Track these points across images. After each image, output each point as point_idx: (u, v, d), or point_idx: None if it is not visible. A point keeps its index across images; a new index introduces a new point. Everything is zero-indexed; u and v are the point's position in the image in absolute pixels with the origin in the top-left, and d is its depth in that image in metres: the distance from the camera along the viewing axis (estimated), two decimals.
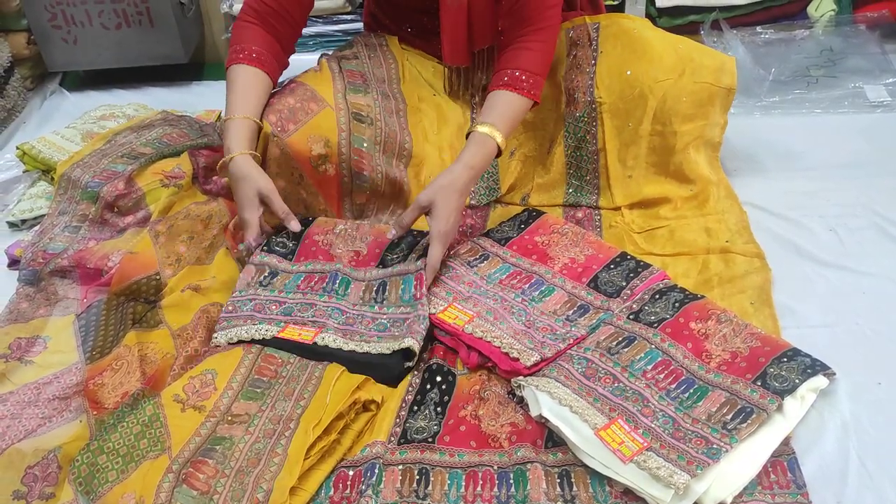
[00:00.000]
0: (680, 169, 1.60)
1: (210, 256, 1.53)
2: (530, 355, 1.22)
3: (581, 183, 1.66)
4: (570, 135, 1.65)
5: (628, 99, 1.58)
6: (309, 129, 1.52)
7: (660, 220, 1.57)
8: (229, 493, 1.03)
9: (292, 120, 1.51)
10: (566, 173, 1.67)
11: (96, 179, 1.65)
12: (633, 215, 1.60)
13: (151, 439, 1.11)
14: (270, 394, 1.20)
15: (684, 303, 1.27)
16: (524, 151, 1.71)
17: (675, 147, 1.58)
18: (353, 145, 1.54)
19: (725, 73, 1.59)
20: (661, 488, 0.99)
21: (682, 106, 1.56)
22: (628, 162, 1.62)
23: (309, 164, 1.52)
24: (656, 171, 1.62)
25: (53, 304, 1.47)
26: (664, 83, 1.56)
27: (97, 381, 1.27)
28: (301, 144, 1.51)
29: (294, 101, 1.53)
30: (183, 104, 2.19)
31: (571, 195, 1.67)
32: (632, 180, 1.62)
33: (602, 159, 1.63)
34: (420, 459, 1.12)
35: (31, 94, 2.36)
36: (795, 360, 1.13)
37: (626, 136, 1.60)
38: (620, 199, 1.63)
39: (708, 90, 1.57)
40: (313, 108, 1.54)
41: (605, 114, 1.61)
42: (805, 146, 1.79)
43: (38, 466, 1.13)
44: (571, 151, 1.66)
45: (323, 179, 1.55)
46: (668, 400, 1.12)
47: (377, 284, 1.41)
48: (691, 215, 1.56)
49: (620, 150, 1.62)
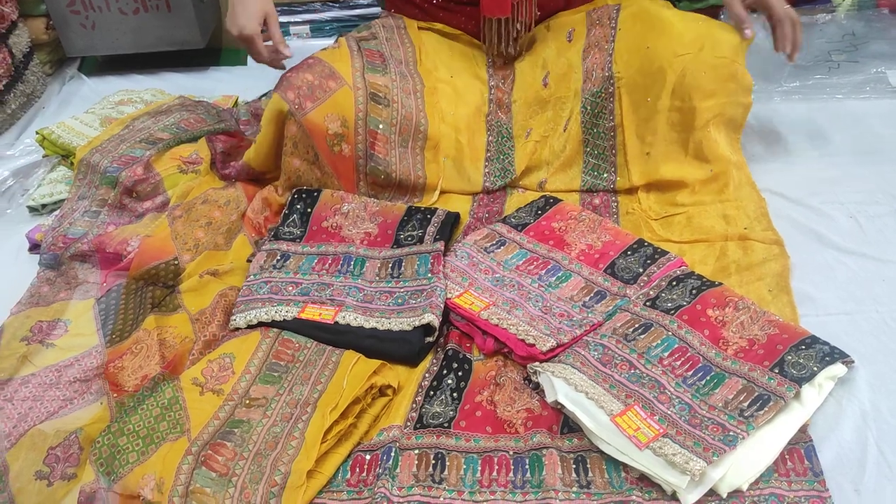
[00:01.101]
0: (699, 147, 1.57)
1: (228, 242, 1.54)
2: (546, 341, 1.22)
3: (598, 161, 1.65)
4: (586, 111, 1.64)
5: (647, 74, 1.57)
6: (327, 107, 1.53)
7: (677, 206, 1.56)
8: (248, 475, 1.04)
9: (310, 97, 1.52)
10: (583, 151, 1.66)
11: (115, 164, 1.67)
12: (651, 201, 1.59)
13: (171, 422, 1.13)
14: (288, 378, 1.21)
15: (701, 290, 1.26)
16: (540, 132, 1.70)
17: (695, 124, 1.55)
18: (368, 126, 1.55)
19: (746, 49, 1.56)
20: (676, 475, 0.99)
21: (701, 81, 1.53)
22: (647, 138, 1.59)
23: (325, 142, 1.53)
24: (675, 148, 1.59)
25: (74, 288, 1.48)
26: (684, 58, 1.54)
27: (117, 365, 1.28)
28: (318, 122, 1.52)
29: (312, 77, 1.54)
30: (200, 89, 2.20)
31: (588, 176, 1.65)
32: (650, 157, 1.60)
33: (619, 136, 1.62)
34: (436, 444, 1.13)
35: (50, 80, 2.38)
36: (814, 348, 1.12)
37: (644, 111, 1.59)
38: (637, 177, 1.60)
39: (728, 66, 1.54)
40: (331, 87, 1.54)
41: (622, 89, 1.59)
42: (826, 132, 1.77)
43: (59, 447, 1.15)
44: (588, 128, 1.65)
45: (338, 159, 1.56)
46: (684, 387, 1.11)
47: (393, 262, 1.42)
48: (709, 201, 1.54)
49: (638, 126, 1.60)
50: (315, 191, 1.57)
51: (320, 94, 1.53)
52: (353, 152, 1.55)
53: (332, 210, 1.53)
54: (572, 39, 1.71)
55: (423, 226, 1.48)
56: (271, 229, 1.54)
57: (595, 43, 1.65)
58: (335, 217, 1.52)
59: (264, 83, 2.09)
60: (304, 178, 1.60)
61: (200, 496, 1.01)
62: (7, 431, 1.18)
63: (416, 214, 1.50)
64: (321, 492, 1.08)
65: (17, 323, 1.40)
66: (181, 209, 1.57)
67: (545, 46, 1.74)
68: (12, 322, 1.40)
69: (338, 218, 1.51)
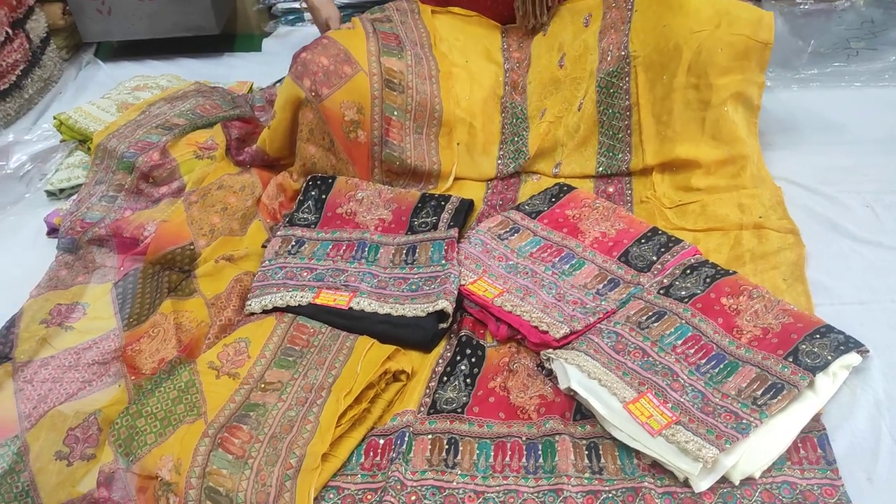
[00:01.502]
0: (716, 126, 1.55)
1: (243, 227, 1.55)
2: (560, 328, 1.22)
3: (612, 142, 1.64)
4: (601, 90, 1.64)
5: (663, 51, 1.56)
6: (343, 94, 1.53)
7: (691, 191, 1.54)
8: (263, 457, 1.05)
9: (326, 84, 1.52)
10: (597, 131, 1.65)
11: (132, 150, 1.68)
12: (665, 185, 1.57)
13: (188, 404, 1.14)
14: (303, 363, 1.22)
15: (716, 278, 1.26)
16: (554, 112, 1.69)
17: (711, 101, 1.54)
18: (384, 113, 1.55)
19: (763, 28, 1.54)
20: (689, 462, 1.00)
21: (718, 58, 1.52)
22: (662, 117, 1.58)
23: (341, 129, 1.53)
24: (691, 128, 1.57)
25: (91, 272, 1.50)
26: (700, 34, 1.53)
27: (135, 348, 1.30)
28: (334, 109, 1.52)
29: (328, 61, 1.54)
30: (215, 75, 2.21)
31: (603, 157, 1.64)
32: (665, 137, 1.59)
33: (635, 115, 1.61)
34: (449, 429, 1.14)
35: (67, 65, 2.39)
36: (828, 337, 1.12)
37: (659, 90, 1.58)
38: (652, 156, 1.59)
39: (745, 43, 1.52)
40: (347, 72, 1.54)
41: (638, 67, 1.59)
42: (843, 120, 1.75)
43: (79, 428, 1.17)
44: (603, 108, 1.64)
45: (353, 146, 1.56)
46: (697, 375, 1.12)
47: (407, 248, 1.43)
48: (724, 186, 1.53)
49: (654, 105, 1.59)
50: (330, 178, 1.58)
51: (336, 81, 1.53)
52: (368, 139, 1.56)
53: (347, 197, 1.54)
54: (589, 24, 1.70)
55: (438, 212, 1.48)
56: (286, 215, 1.55)
57: (611, 24, 1.64)
58: (349, 203, 1.52)
59: (279, 69, 2.09)
60: (319, 165, 1.60)
61: (217, 477, 1.02)
62: (27, 412, 1.21)
63: (430, 201, 1.51)
64: (335, 475, 1.09)
65: (37, 306, 1.42)
66: (197, 195, 1.58)
67: (562, 29, 1.74)
68: (32, 305, 1.42)
69: (352, 204, 1.52)
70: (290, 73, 1.56)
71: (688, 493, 1.01)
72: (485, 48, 1.76)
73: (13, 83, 2.06)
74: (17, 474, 1.13)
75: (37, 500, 1.10)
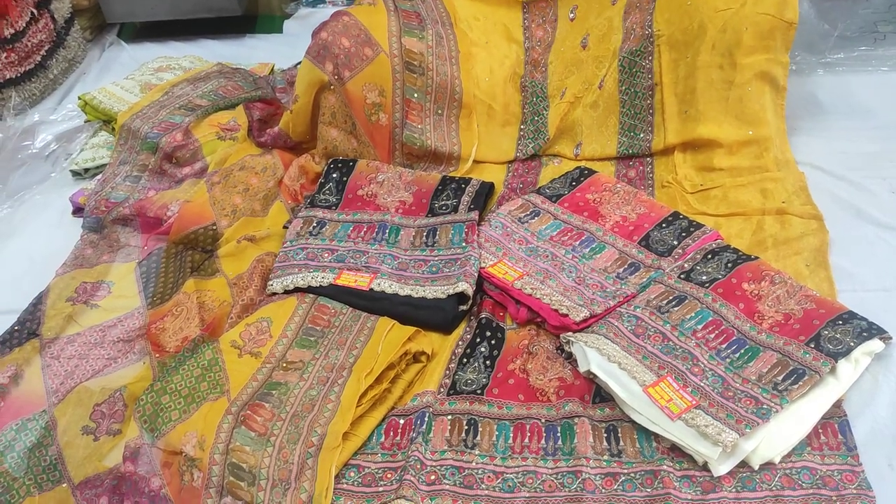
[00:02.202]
0: (739, 106, 1.54)
1: (265, 208, 1.56)
2: (579, 311, 1.22)
3: (633, 121, 1.63)
4: (623, 69, 1.63)
5: (687, 30, 1.55)
6: (364, 77, 1.53)
7: (713, 171, 1.53)
8: (285, 435, 1.07)
9: (348, 66, 1.52)
10: (618, 111, 1.64)
11: (155, 130, 1.69)
12: (687, 166, 1.56)
13: (211, 382, 1.16)
14: (324, 342, 1.23)
15: (737, 263, 1.25)
16: (574, 91, 1.68)
17: (735, 81, 1.52)
18: (405, 96, 1.55)
19: (788, 7, 1.51)
20: (708, 446, 1.00)
21: (743, 37, 1.50)
22: (685, 97, 1.57)
23: (363, 112, 1.54)
24: (714, 107, 1.56)
25: (116, 251, 1.52)
26: (725, 13, 1.51)
27: (159, 326, 1.32)
28: (356, 92, 1.52)
29: (349, 43, 1.54)
30: (236, 56, 2.21)
31: (624, 137, 1.63)
32: (688, 116, 1.57)
33: (657, 94, 1.60)
34: (469, 410, 1.15)
35: (91, 45, 2.41)
36: (851, 323, 1.11)
37: (683, 69, 1.57)
38: (674, 135, 1.58)
39: (770, 22, 1.50)
40: (368, 55, 1.54)
41: (662, 46, 1.57)
42: (869, 105, 1.72)
43: (105, 404, 1.20)
44: (625, 87, 1.63)
45: (375, 129, 1.57)
46: (718, 359, 1.11)
47: (427, 230, 1.43)
48: (747, 168, 1.51)
49: (677, 85, 1.58)
50: (351, 161, 1.58)
51: (357, 63, 1.53)
52: (389, 121, 1.56)
53: (368, 179, 1.54)
54: (615, 2, 1.68)
55: (458, 195, 1.48)
56: (307, 197, 1.56)
57: (636, 3, 1.63)
58: (370, 186, 1.53)
59: (300, 51, 2.07)
60: (340, 148, 1.61)
61: (240, 454, 1.04)
62: (55, 388, 1.23)
63: (450, 184, 1.51)
64: (356, 454, 1.11)
65: (63, 284, 1.44)
66: (219, 175, 1.60)
67: (589, 10, 1.72)
68: (58, 283, 1.44)
69: (373, 186, 1.53)
70: (310, 54, 1.55)
71: (706, 476, 1.01)
72: (505, 27, 1.75)
73: (38, 63, 2.08)
74: (46, 448, 1.15)
75: (65, 473, 1.13)
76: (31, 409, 1.21)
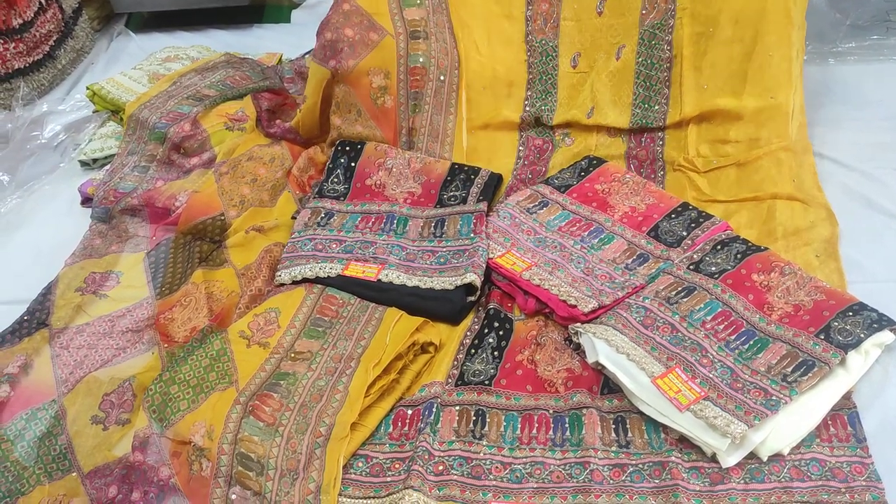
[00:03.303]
0: (760, 72, 1.50)
1: (273, 199, 1.56)
2: (588, 302, 1.22)
3: (649, 93, 1.60)
4: (643, 42, 1.60)
5: (711, 3, 1.52)
6: (369, 61, 1.54)
7: (728, 145, 1.50)
8: (294, 425, 1.07)
9: (352, 55, 1.53)
10: (633, 82, 1.62)
11: (163, 120, 1.69)
12: (701, 140, 1.53)
13: (219, 372, 1.16)
14: (332, 333, 1.24)
15: (747, 254, 1.25)
16: (588, 61, 1.65)
17: (756, 50, 1.50)
18: (409, 65, 1.55)
19: None
20: (717, 437, 1.00)
21: (767, 4, 1.48)
22: (705, 70, 1.55)
23: (368, 96, 1.54)
24: (734, 82, 1.53)
25: (125, 241, 1.52)
26: None
27: (167, 316, 1.32)
28: (361, 78, 1.53)
29: (352, 32, 1.54)
30: (244, 46, 2.21)
31: (638, 109, 1.61)
32: (706, 90, 1.55)
33: (676, 67, 1.57)
34: (477, 401, 1.15)
35: (99, 36, 2.41)
36: (861, 315, 1.11)
37: (704, 43, 1.55)
38: (691, 108, 1.55)
39: None
40: (373, 39, 1.55)
41: (685, 19, 1.55)
42: (881, 95, 1.71)
43: (114, 394, 1.20)
44: (642, 59, 1.60)
45: (381, 112, 1.57)
46: (727, 351, 1.11)
47: (435, 221, 1.43)
48: (764, 138, 1.47)
49: (697, 58, 1.56)
50: (359, 143, 1.57)
51: (362, 49, 1.54)
52: (395, 103, 1.56)
53: (376, 165, 1.53)
54: None
55: (467, 186, 1.48)
56: (315, 184, 1.56)
57: None
58: (379, 173, 1.52)
59: (308, 41, 2.07)
60: (345, 135, 1.61)
61: (249, 444, 1.04)
62: (64, 377, 1.24)
63: (459, 174, 1.50)
64: (364, 444, 1.11)
65: (72, 274, 1.44)
66: (227, 166, 1.60)
67: None
68: (67, 273, 1.45)
69: (382, 174, 1.52)
70: (316, 56, 1.56)
71: (715, 468, 1.01)
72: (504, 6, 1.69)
73: (47, 53, 2.08)
74: (55, 437, 1.16)
75: (74, 462, 1.13)
76: (40, 399, 1.21)
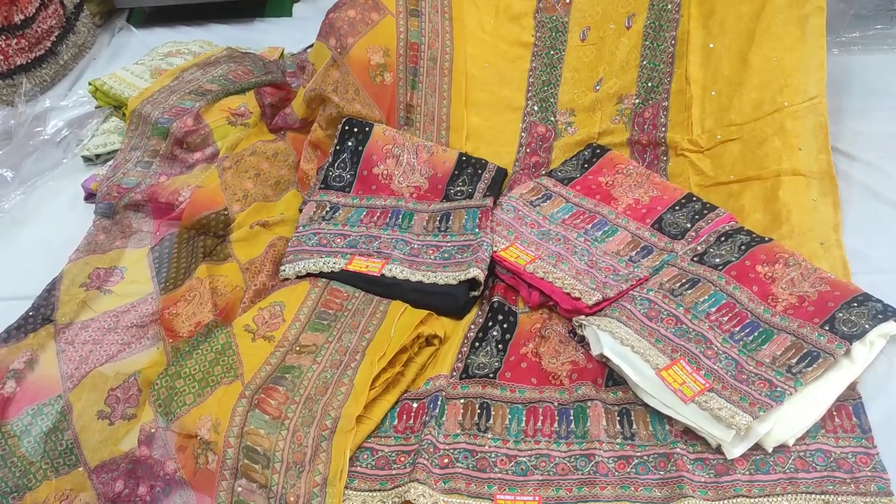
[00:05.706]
0: (766, 33, 1.47)
1: (277, 193, 1.57)
2: (592, 295, 1.22)
3: (655, 52, 1.58)
4: (652, 7, 1.59)
5: None
6: (369, 39, 1.55)
7: (731, 112, 1.47)
8: (299, 418, 1.07)
9: (352, 33, 1.54)
10: (641, 45, 1.60)
11: (166, 115, 1.69)
12: (706, 113, 1.50)
13: (225, 366, 1.16)
14: (337, 326, 1.24)
15: (751, 246, 1.24)
16: (598, 33, 1.64)
17: (765, 11, 1.47)
18: (409, 41, 1.56)
19: None
20: (722, 428, 1.00)
21: None
22: (713, 29, 1.53)
23: (367, 75, 1.55)
24: (740, 41, 1.50)
25: (128, 237, 1.53)
26: None
27: (172, 311, 1.32)
28: (360, 56, 1.54)
29: (354, 13, 1.56)
30: (246, 41, 2.20)
31: (644, 71, 1.59)
32: (713, 51, 1.53)
33: (682, 25, 1.55)
34: (481, 394, 1.15)
35: (100, 31, 2.40)
36: (866, 306, 1.10)
37: (712, 2, 1.53)
38: (695, 68, 1.53)
39: None
40: (374, 18, 1.57)
41: None
42: (885, 85, 1.70)
43: (119, 389, 1.20)
44: (651, 23, 1.59)
45: (380, 90, 1.57)
46: (731, 342, 1.11)
47: (440, 215, 1.43)
48: (769, 101, 1.44)
49: (704, 17, 1.54)
50: (366, 125, 1.55)
51: (362, 28, 1.55)
52: (394, 80, 1.57)
53: (384, 151, 1.52)
54: None
55: (474, 181, 1.47)
56: (322, 168, 1.54)
57: None
58: (387, 161, 1.52)
59: (310, 35, 2.07)
60: (344, 113, 1.59)
61: (255, 437, 1.05)
62: (69, 373, 1.24)
63: (466, 168, 1.49)
64: (370, 437, 1.11)
65: (76, 269, 1.45)
66: (230, 160, 1.60)
67: None
68: (71, 269, 1.45)
69: (389, 163, 1.51)
70: (320, 35, 1.57)
71: (720, 459, 1.01)
72: None
73: (48, 49, 2.08)
74: (62, 432, 1.17)
75: (80, 457, 1.14)
76: (46, 394, 1.22)
